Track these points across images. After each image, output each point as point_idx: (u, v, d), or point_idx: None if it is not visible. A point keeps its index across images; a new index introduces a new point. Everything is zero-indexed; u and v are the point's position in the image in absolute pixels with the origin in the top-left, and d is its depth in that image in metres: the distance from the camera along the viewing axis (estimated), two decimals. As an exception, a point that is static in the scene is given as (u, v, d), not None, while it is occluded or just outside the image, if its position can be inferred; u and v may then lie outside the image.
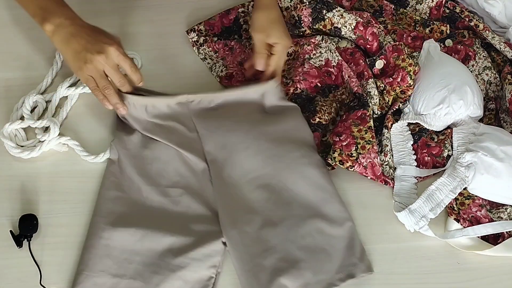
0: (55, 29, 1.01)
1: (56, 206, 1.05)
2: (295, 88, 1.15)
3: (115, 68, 1.02)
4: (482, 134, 1.07)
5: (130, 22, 1.26)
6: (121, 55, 1.01)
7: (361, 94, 1.14)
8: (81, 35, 1.00)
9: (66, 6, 1.04)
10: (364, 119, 1.10)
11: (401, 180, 1.08)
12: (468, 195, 1.05)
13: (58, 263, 0.99)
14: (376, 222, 1.03)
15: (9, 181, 1.07)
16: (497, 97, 1.18)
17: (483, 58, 1.20)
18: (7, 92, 1.18)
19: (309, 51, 1.19)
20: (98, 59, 0.99)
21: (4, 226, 1.02)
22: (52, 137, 1.09)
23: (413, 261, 1.00)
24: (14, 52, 1.24)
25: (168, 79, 1.20)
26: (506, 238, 1.01)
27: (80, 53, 1.00)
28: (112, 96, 1.03)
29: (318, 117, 1.12)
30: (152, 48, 1.25)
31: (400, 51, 1.16)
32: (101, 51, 1.00)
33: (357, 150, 1.06)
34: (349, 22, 1.20)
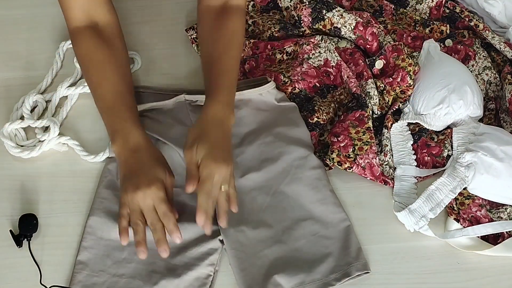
0: (118, 151, 0.99)
1: (56, 205, 1.05)
2: (293, 87, 1.15)
3: (151, 209, 0.94)
4: (482, 134, 1.07)
5: (130, 22, 1.26)
6: (163, 203, 0.93)
7: (359, 94, 1.14)
8: (136, 167, 0.96)
9: (137, 128, 1.00)
10: (362, 120, 1.10)
11: (401, 180, 1.08)
12: (468, 195, 1.05)
13: (58, 262, 0.99)
14: (376, 222, 1.03)
15: (9, 180, 1.08)
16: (497, 97, 1.18)
17: (483, 58, 1.20)
18: (7, 92, 1.18)
19: (308, 51, 1.19)
20: (143, 194, 0.93)
21: (4, 225, 1.02)
22: (52, 136, 1.09)
23: (413, 261, 1.00)
24: (14, 52, 1.24)
25: (168, 79, 1.20)
26: (506, 238, 1.01)
27: (131, 179, 0.95)
28: (141, 233, 0.93)
29: (316, 116, 1.12)
30: (152, 48, 1.25)
31: (399, 51, 1.16)
32: (147, 186, 0.93)
33: (355, 151, 1.06)
34: (349, 22, 1.20)
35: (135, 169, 0.95)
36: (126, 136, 0.99)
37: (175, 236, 0.91)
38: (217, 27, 1.09)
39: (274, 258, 0.98)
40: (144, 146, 0.99)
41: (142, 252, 0.90)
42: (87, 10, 1.08)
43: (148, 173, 0.94)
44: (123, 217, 0.93)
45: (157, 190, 0.92)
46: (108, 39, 1.10)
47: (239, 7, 1.11)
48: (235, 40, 1.09)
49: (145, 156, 0.97)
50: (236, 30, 1.10)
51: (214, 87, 1.02)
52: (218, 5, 1.11)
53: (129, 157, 0.97)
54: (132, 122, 1.01)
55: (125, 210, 0.93)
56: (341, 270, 0.96)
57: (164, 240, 0.91)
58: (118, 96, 1.05)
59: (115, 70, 1.07)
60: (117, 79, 1.06)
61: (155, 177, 0.94)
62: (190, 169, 0.93)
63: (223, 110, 0.99)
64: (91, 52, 1.08)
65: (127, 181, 0.94)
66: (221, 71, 1.05)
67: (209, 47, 1.09)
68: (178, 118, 1.10)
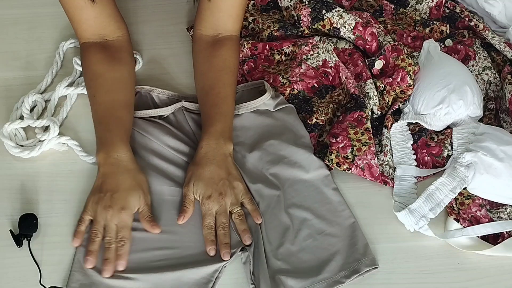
0: (100, 162, 1.02)
1: (56, 205, 1.05)
2: (292, 89, 1.15)
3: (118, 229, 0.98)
4: (482, 134, 1.07)
5: (130, 22, 1.26)
6: (125, 229, 0.97)
7: (358, 95, 1.14)
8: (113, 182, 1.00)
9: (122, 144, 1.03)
10: (361, 121, 1.10)
11: (401, 180, 1.08)
12: (468, 195, 1.05)
13: (57, 262, 0.99)
14: (376, 222, 1.03)
15: (9, 180, 1.07)
16: (497, 97, 1.18)
17: (483, 58, 1.20)
18: (7, 91, 1.18)
19: (307, 51, 1.19)
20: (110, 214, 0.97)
21: (4, 225, 1.02)
22: (52, 136, 1.09)
23: (413, 261, 1.00)
24: (14, 51, 1.24)
25: (168, 79, 1.21)
26: (506, 238, 1.01)
27: (104, 194, 0.99)
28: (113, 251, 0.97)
29: (315, 117, 1.12)
30: (152, 48, 1.25)
31: (399, 51, 1.16)
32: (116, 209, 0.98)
33: (353, 152, 1.07)
34: (348, 22, 1.19)
35: (112, 186, 0.99)
36: (110, 150, 1.02)
37: (120, 263, 0.95)
38: (210, 55, 1.12)
39: (282, 258, 0.98)
40: (126, 164, 1.01)
41: (91, 262, 0.95)
42: (96, 29, 1.12)
43: (123, 196, 0.98)
44: (83, 222, 0.98)
45: (126, 216, 0.98)
46: (113, 53, 1.12)
47: (231, 37, 1.14)
48: (228, 67, 1.11)
49: (125, 177, 1.00)
50: (229, 56, 1.12)
51: (208, 118, 1.06)
52: (211, 35, 1.13)
53: (110, 172, 1.01)
54: (119, 137, 1.03)
55: (87, 217, 0.99)
56: (350, 267, 0.96)
57: (112, 262, 0.95)
58: (109, 109, 1.07)
59: (112, 83, 1.10)
60: (113, 92, 1.09)
61: (128, 202, 0.98)
62: (183, 205, 1.00)
63: (218, 141, 1.03)
64: (93, 65, 1.11)
65: (101, 194, 0.99)
66: (215, 101, 1.07)
67: (202, 77, 1.12)
68: (177, 125, 1.11)
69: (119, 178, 1.00)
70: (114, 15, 1.13)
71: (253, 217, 1.01)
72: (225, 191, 1.00)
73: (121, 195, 0.98)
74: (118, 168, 1.00)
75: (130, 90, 1.11)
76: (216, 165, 1.01)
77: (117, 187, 0.99)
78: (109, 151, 1.01)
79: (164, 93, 1.15)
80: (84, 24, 1.11)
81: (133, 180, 1.00)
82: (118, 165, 1.01)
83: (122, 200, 0.98)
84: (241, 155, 1.08)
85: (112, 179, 1.00)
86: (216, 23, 1.12)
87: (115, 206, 0.97)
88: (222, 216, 1.00)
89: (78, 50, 1.23)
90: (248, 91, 1.16)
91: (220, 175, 1.01)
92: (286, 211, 1.02)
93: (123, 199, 0.98)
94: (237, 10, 1.12)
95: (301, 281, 0.95)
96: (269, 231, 1.01)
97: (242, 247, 0.99)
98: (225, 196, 1.00)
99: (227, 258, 0.97)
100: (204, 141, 1.03)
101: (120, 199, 0.98)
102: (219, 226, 0.99)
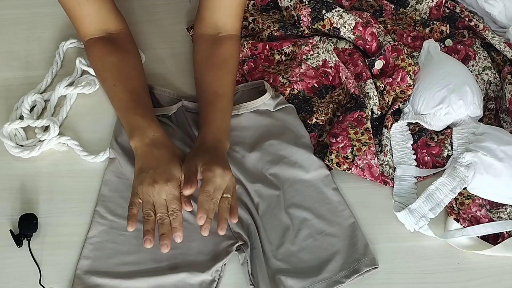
0: (136, 146, 1.01)
1: (56, 205, 1.05)
2: (292, 88, 1.15)
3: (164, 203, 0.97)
4: (482, 134, 1.07)
5: (130, 22, 1.26)
6: (175, 201, 0.95)
7: (358, 95, 1.14)
8: (153, 160, 0.99)
9: (153, 124, 1.03)
10: (361, 121, 1.10)
11: (401, 180, 1.08)
12: (468, 195, 1.05)
13: (57, 262, 0.99)
14: (376, 222, 1.03)
15: (9, 180, 1.07)
16: (497, 97, 1.18)
17: (483, 58, 1.20)
18: (7, 91, 1.18)
19: (307, 51, 1.19)
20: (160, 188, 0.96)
21: (3, 225, 1.02)
22: (52, 136, 1.09)
23: (413, 261, 1.00)
24: (14, 51, 1.24)
25: (168, 79, 1.21)
26: (506, 238, 1.01)
27: (148, 172, 0.97)
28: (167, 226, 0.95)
29: (315, 117, 1.12)
30: (152, 47, 1.25)
31: (399, 51, 1.16)
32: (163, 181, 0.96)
33: (353, 152, 1.07)
34: (348, 22, 1.19)
35: (153, 163, 0.98)
36: (143, 132, 1.01)
37: (177, 235, 0.93)
38: (210, 55, 1.12)
39: (282, 258, 0.98)
40: (161, 141, 1.01)
41: (149, 241, 0.92)
42: (98, 24, 1.12)
43: (165, 169, 0.96)
44: (134, 205, 0.95)
45: (172, 188, 0.95)
46: (120, 45, 1.13)
47: (231, 36, 1.13)
48: (228, 67, 1.11)
49: (163, 152, 0.99)
50: (229, 55, 1.12)
51: (206, 116, 1.05)
52: (211, 34, 1.13)
53: (148, 151, 0.99)
54: (149, 119, 1.03)
55: (137, 199, 0.96)
56: (350, 267, 0.96)
57: (168, 236, 0.92)
58: (134, 95, 1.07)
59: (128, 71, 1.10)
60: (131, 79, 1.10)
61: (172, 174, 0.96)
62: (188, 176, 0.95)
63: (216, 139, 1.02)
64: (104, 57, 1.11)
65: (143, 173, 0.97)
66: (213, 99, 1.07)
67: (202, 76, 1.11)
68: (177, 124, 1.12)
69: (158, 155, 0.99)
70: (114, 9, 1.14)
71: (232, 214, 0.95)
72: (229, 171, 0.96)
73: (164, 169, 0.97)
74: (155, 146, 1.00)
75: (144, 77, 1.13)
76: (216, 155, 0.99)
77: (158, 163, 0.98)
78: (144, 133, 1.01)
79: (164, 92, 1.16)
80: (86, 20, 1.11)
81: (172, 154, 1.00)
82: (154, 144, 1.00)
83: (166, 173, 0.96)
84: (241, 155, 1.08)
85: (151, 157, 0.99)
86: (215, 23, 1.12)
87: (160, 181, 0.95)
88: (217, 192, 0.94)
89: (78, 50, 1.23)
90: (248, 91, 1.16)
91: (222, 161, 0.98)
92: (286, 211, 1.02)
93: (167, 172, 0.96)
94: (236, 9, 1.12)
95: (301, 281, 0.95)
96: (269, 231, 1.01)
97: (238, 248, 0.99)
98: (228, 175, 0.95)
99: (206, 234, 0.91)
100: (201, 137, 1.03)
101: (164, 172, 0.96)
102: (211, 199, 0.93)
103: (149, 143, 1.00)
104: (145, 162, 0.99)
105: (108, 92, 1.10)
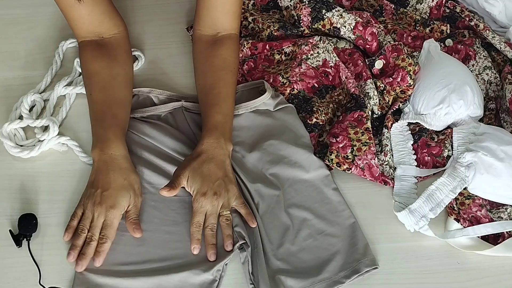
0: (94, 158, 1.02)
1: (56, 205, 1.04)
2: (292, 88, 1.15)
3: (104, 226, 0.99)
4: (482, 134, 1.07)
5: (130, 22, 1.26)
6: (110, 228, 0.98)
7: (358, 95, 1.14)
8: (105, 179, 1.00)
9: (116, 141, 1.03)
10: (361, 120, 1.10)
11: (401, 180, 1.08)
12: (468, 195, 1.05)
13: (57, 262, 0.99)
14: (376, 222, 1.03)
15: (9, 180, 1.07)
16: (497, 97, 1.17)
17: (483, 58, 1.20)
18: (7, 91, 1.18)
19: (307, 51, 1.19)
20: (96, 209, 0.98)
21: (3, 225, 1.02)
22: (51, 136, 1.09)
23: (413, 261, 1.00)
24: (14, 51, 1.24)
25: (168, 79, 1.20)
26: (506, 238, 1.01)
27: (95, 190, 0.99)
28: (91, 248, 0.97)
29: (315, 117, 1.12)
30: (152, 48, 1.25)
31: (399, 51, 1.16)
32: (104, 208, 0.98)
33: (353, 152, 1.06)
34: (348, 22, 1.19)
35: (104, 183, 0.99)
36: (104, 147, 1.02)
37: (97, 260, 0.96)
38: (210, 55, 1.12)
39: (282, 259, 0.98)
40: (119, 162, 1.01)
41: (73, 256, 0.96)
42: (90, 27, 1.12)
43: (113, 195, 0.98)
44: (75, 216, 1.00)
45: (112, 215, 0.98)
46: (109, 51, 1.12)
47: (230, 35, 1.13)
48: (228, 67, 1.11)
49: (117, 176, 1.00)
50: (229, 55, 1.12)
51: (208, 118, 1.05)
52: (210, 34, 1.13)
53: (103, 169, 1.00)
54: (114, 134, 1.03)
55: (80, 211, 1.00)
56: (350, 268, 0.96)
57: (87, 258, 0.96)
58: (104, 106, 1.07)
59: (109, 81, 1.10)
60: (108, 89, 1.09)
61: (118, 202, 0.98)
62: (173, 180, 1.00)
63: (218, 141, 1.02)
64: (88, 63, 1.11)
65: (93, 189, 0.99)
66: (216, 100, 1.07)
67: (202, 77, 1.11)
68: (176, 125, 1.11)
69: (111, 176, 1.00)
70: (109, 12, 1.13)
71: (248, 221, 1.01)
72: (220, 192, 1.00)
73: (111, 194, 0.98)
74: (111, 166, 1.00)
75: (126, 88, 1.11)
76: (215, 164, 1.01)
77: (108, 185, 0.99)
78: (104, 148, 1.01)
79: (163, 93, 1.15)
80: (78, 22, 1.11)
81: (125, 179, 1.00)
82: (111, 163, 1.01)
83: (112, 199, 0.98)
84: (241, 155, 1.08)
85: (104, 176, 1.00)
86: (213, 22, 1.12)
87: (104, 204, 0.97)
88: (212, 217, 0.99)
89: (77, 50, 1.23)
90: (248, 91, 1.16)
91: (217, 175, 1.01)
92: (286, 211, 1.02)
93: (113, 197, 0.98)
94: (233, 7, 1.11)
95: (301, 281, 0.95)
96: (269, 231, 1.01)
97: (240, 247, 0.99)
98: (219, 197, 0.99)
99: (213, 259, 0.97)
100: (205, 139, 1.03)
101: (110, 197, 0.98)
102: (207, 226, 0.99)
103: (106, 159, 1.01)
104: (97, 179, 1.00)
105: (87, 99, 1.10)
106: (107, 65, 1.11)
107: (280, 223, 1.01)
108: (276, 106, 1.12)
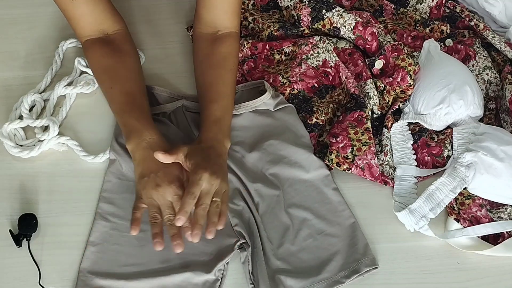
0: (133, 149, 1.01)
1: (56, 205, 1.04)
2: (292, 88, 1.15)
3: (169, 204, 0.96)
4: (482, 134, 1.07)
5: (130, 22, 1.26)
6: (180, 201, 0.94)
7: (358, 95, 1.14)
8: (153, 163, 0.98)
9: (150, 127, 1.02)
10: (361, 120, 1.10)
11: (401, 180, 1.08)
12: (468, 195, 1.05)
13: (57, 262, 0.99)
14: (376, 222, 1.03)
15: (9, 180, 1.07)
16: (497, 97, 1.17)
17: (484, 58, 1.20)
18: (7, 91, 1.18)
19: (307, 51, 1.19)
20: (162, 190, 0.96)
21: (3, 225, 1.02)
22: (51, 136, 1.09)
23: (413, 261, 1.00)
24: (14, 51, 1.24)
25: (168, 79, 1.21)
26: (506, 238, 1.01)
27: (149, 176, 0.97)
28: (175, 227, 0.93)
29: (315, 117, 1.12)
30: (152, 47, 1.25)
31: (399, 51, 1.16)
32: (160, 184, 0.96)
33: (353, 152, 1.06)
34: (348, 22, 1.19)
35: (153, 167, 0.97)
36: (140, 135, 1.01)
37: (188, 234, 0.91)
38: (209, 54, 1.12)
39: (281, 259, 0.98)
40: (159, 144, 1.01)
41: (159, 243, 0.92)
42: (93, 25, 1.12)
43: (166, 171, 0.97)
44: (138, 208, 0.96)
45: (177, 189, 0.95)
46: (117, 46, 1.13)
47: (230, 34, 1.13)
48: (228, 65, 1.11)
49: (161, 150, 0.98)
50: (229, 54, 1.12)
51: (207, 115, 1.05)
52: (210, 33, 1.13)
53: (146, 155, 0.99)
54: (146, 121, 1.03)
55: (141, 204, 0.96)
56: (350, 267, 0.96)
57: (179, 235, 0.92)
58: (130, 97, 1.07)
59: (125, 73, 1.10)
60: (128, 81, 1.09)
61: (174, 175, 0.97)
62: (170, 149, 0.97)
63: (214, 139, 1.01)
64: (102, 60, 1.11)
65: (145, 177, 0.97)
66: (214, 98, 1.06)
67: (202, 75, 1.11)
68: (176, 124, 1.12)
69: (154, 159, 0.98)
70: (110, 9, 1.13)
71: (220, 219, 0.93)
72: (218, 175, 0.95)
73: (165, 171, 0.97)
74: (153, 149, 0.99)
75: (142, 79, 1.12)
76: (213, 152, 0.99)
77: (157, 166, 0.97)
78: (140, 136, 1.01)
79: (164, 91, 1.16)
80: (81, 20, 1.11)
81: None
82: (152, 147, 1.00)
83: (167, 175, 0.96)
84: (241, 154, 1.08)
85: (150, 161, 0.98)
86: (213, 21, 1.12)
87: (163, 183, 0.95)
88: (206, 197, 0.92)
89: (78, 50, 1.23)
90: (248, 91, 1.16)
91: (216, 161, 0.97)
92: (286, 211, 1.02)
93: (168, 174, 0.97)
94: (233, 5, 1.11)
95: (301, 281, 0.95)
96: (269, 230, 1.01)
97: (240, 246, 0.99)
98: (216, 179, 0.93)
99: (196, 241, 0.91)
100: (202, 136, 1.02)
101: (165, 175, 0.96)
102: (201, 205, 0.91)
103: (146, 146, 1.00)
104: (145, 167, 0.98)
105: (106, 95, 1.10)
106: (120, 59, 1.12)
107: (280, 223, 1.01)
108: (276, 106, 1.12)
